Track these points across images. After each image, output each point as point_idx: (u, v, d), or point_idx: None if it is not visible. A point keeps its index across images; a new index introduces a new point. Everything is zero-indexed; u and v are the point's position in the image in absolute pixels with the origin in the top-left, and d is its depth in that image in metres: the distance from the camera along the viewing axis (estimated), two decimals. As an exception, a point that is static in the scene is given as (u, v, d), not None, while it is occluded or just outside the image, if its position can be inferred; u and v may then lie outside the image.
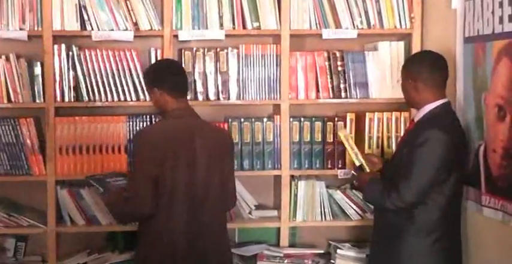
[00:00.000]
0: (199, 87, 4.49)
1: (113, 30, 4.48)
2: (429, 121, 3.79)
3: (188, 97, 4.12)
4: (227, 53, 4.57)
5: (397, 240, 3.81)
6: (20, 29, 4.42)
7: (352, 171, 4.51)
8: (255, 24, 4.53)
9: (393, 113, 4.54)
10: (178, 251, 3.85)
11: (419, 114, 3.88)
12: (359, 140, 4.59)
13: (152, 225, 3.88)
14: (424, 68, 3.86)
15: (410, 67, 3.93)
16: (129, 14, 4.47)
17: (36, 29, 4.43)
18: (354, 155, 4.26)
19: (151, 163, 3.78)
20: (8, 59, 4.43)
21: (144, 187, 3.78)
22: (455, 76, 4.05)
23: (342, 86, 4.60)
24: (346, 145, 4.28)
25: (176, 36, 4.51)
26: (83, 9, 4.44)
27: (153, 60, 4.52)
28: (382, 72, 4.45)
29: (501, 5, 3.50)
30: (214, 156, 3.95)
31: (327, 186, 4.68)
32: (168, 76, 3.98)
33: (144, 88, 4.44)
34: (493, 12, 3.58)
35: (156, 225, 3.86)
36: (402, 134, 4.36)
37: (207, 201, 3.92)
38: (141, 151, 3.89)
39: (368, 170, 4.14)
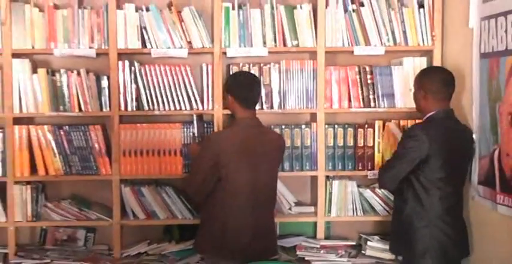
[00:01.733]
0: (247, 98, 4.76)
1: (169, 48, 4.63)
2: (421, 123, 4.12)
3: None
4: (269, 68, 4.69)
5: (402, 227, 4.02)
6: (90, 48, 4.60)
7: None
8: (294, 42, 4.66)
9: (416, 120, 4.57)
10: (243, 240, 4.06)
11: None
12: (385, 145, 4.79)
13: (216, 220, 4.12)
14: (436, 82, 4.05)
15: (424, 80, 4.11)
16: (184, 34, 4.62)
17: (103, 47, 4.62)
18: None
19: (214, 164, 4.01)
20: (79, 74, 4.61)
21: (202, 180, 4.07)
22: (471, 88, 4.14)
23: (371, 96, 4.72)
24: (396, 132, 4.54)
25: (225, 53, 4.63)
26: (143, 30, 4.62)
27: (204, 75, 4.68)
28: (406, 85, 4.54)
29: None
30: (272, 160, 4.22)
31: (358, 186, 4.80)
32: (242, 89, 4.17)
33: (197, 98, 4.66)
34: (506, 31, 3.66)
35: (218, 219, 4.09)
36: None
37: (267, 200, 4.20)
38: (206, 149, 4.11)
39: None
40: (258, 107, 4.45)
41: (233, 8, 4.65)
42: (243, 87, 4.19)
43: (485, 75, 3.99)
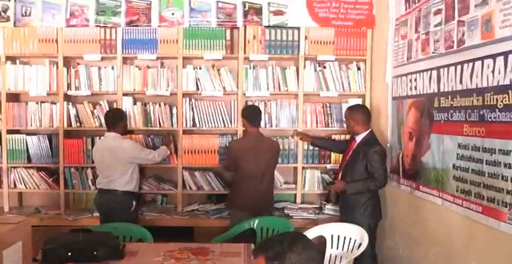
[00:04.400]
0: (257, 121, 4.70)
1: (212, 91, 4.97)
2: (369, 141, 4.23)
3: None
4: (270, 103, 5.03)
5: (352, 206, 4.25)
6: (166, 90, 4.98)
7: (329, 178, 4.96)
8: (285, 88, 5.01)
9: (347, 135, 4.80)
10: (249, 202, 4.43)
11: (358, 138, 4.30)
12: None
13: (237, 189, 4.53)
14: (362, 113, 4.32)
15: (354, 113, 4.31)
16: (221, 82, 4.99)
17: (174, 90, 4.99)
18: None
19: (235, 158, 4.46)
20: (160, 105, 5.01)
21: (229, 165, 4.58)
22: (387, 117, 4.43)
23: (329, 121, 5.06)
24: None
25: (244, 94, 4.99)
26: (197, 80, 4.99)
27: (232, 106, 5.00)
28: None
29: (410, 81, 3.93)
30: (269, 156, 4.54)
31: (321, 173, 5.12)
32: (250, 115, 4.55)
33: (227, 120, 5.02)
34: (406, 85, 4.02)
35: (238, 189, 4.52)
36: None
37: (264, 178, 4.50)
38: (228, 153, 4.58)
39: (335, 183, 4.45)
40: (262, 125, 4.80)
41: (250, 68, 4.99)
42: (250, 113, 4.56)
43: (395, 110, 4.29)
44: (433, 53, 3.57)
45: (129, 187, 4.47)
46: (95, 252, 3.10)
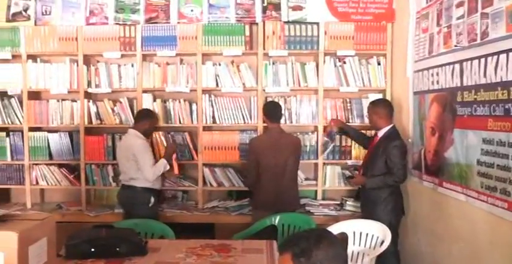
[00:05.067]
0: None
1: (232, 87, 4.99)
2: (390, 136, 4.19)
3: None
4: (290, 99, 5.03)
5: (373, 201, 4.23)
6: (186, 87, 5.01)
7: (349, 173, 4.88)
8: (305, 84, 5.00)
9: (373, 131, 4.75)
10: (271, 199, 4.39)
11: (380, 133, 4.29)
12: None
13: (259, 186, 4.46)
14: (385, 107, 4.31)
15: (376, 107, 4.31)
16: (240, 79, 5.00)
17: (193, 86, 5.01)
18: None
19: (256, 155, 4.40)
20: (179, 102, 5.03)
21: (251, 167, 4.45)
22: (408, 112, 4.41)
23: (349, 116, 5.03)
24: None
25: (264, 90, 4.99)
26: (217, 76, 5.00)
27: (252, 103, 5.01)
28: None
29: (432, 75, 3.90)
30: (290, 151, 4.47)
31: (341, 168, 5.06)
32: (269, 110, 4.53)
33: (247, 116, 5.02)
34: (428, 79, 3.99)
35: (260, 185, 4.45)
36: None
37: (285, 174, 4.44)
38: (249, 149, 4.53)
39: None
40: (282, 122, 4.72)
41: (269, 64, 4.98)
42: (270, 110, 4.54)
43: (416, 104, 4.26)
44: (455, 46, 3.52)
45: (147, 183, 4.50)
46: (117, 248, 3.13)
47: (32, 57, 5.15)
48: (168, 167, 4.60)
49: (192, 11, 4.98)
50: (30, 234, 2.43)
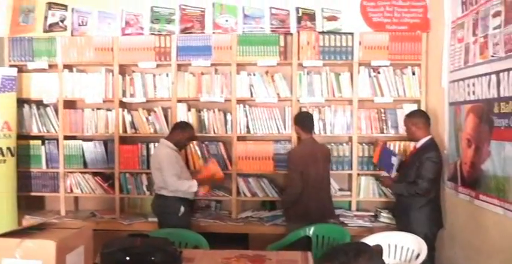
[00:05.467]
0: (311, 127, 4.71)
1: (266, 97, 5.03)
2: (427, 147, 4.17)
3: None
4: (325, 109, 5.03)
5: (406, 208, 4.19)
6: (220, 97, 5.06)
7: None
8: (339, 94, 5.01)
9: (405, 142, 4.93)
10: (311, 211, 4.40)
11: (418, 144, 4.27)
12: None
13: (299, 201, 4.40)
14: (420, 118, 4.29)
15: (413, 117, 4.30)
16: (275, 89, 5.03)
17: (228, 96, 5.06)
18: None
19: (298, 166, 4.38)
20: (214, 112, 5.08)
21: (297, 179, 4.37)
22: (444, 123, 4.39)
23: (384, 127, 5.03)
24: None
25: (298, 100, 5.00)
26: (251, 86, 5.05)
27: (286, 113, 5.03)
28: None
29: (468, 86, 3.88)
30: (325, 161, 4.56)
31: (376, 180, 5.03)
32: (303, 121, 4.55)
33: (281, 127, 5.04)
34: (463, 90, 3.97)
35: (301, 200, 4.39)
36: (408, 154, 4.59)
37: (323, 185, 4.52)
38: (292, 161, 4.46)
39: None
40: (316, 132, 4.91)
41: (304, 74, 5.00)
42: (305, 120, 4.57)
43: (452, 115, 4.24)
44: (492, 56, 3.49)
45: (177, 193, 4.51)
46: (152, 258, 3.09)
47: (68, 67, 5.26)
48: (194, 190, 4.56)
49: (227, 21, 5.02)
50: (68, 242, 2.46)
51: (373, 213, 5.09)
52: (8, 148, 4.97)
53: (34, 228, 2.73)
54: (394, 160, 4.46)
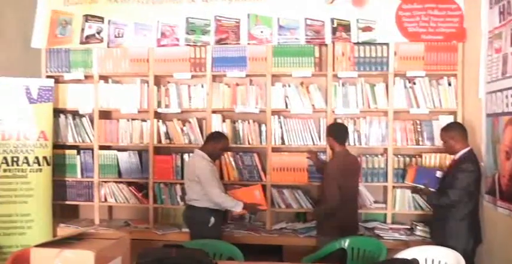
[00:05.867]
0: (345, 138, 4.70)
1: (301, 108, 5.05)
2: (465, 159, 4.16)
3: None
4: (360, 120, 5.04)
5: (443, 221, 4.17)
6: (255, 108, 5.10)
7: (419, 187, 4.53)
8: (374, 106, 5.02)
9: (443, 154, 4.86)
10: (346, 222, 4.41)
11: (456, 156, 4.26)
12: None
13: (334, 214, 4.37)
14: (457, 131, 4.30)
15: (450, 131, 4.30)
16: (310, 100, 5.06)
17: (263, 107, 5.10)
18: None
19: (336, 179, 4.34)
20: (248, 123, 5.14)
21: (335, 191, 4.33)
22: (481, 135, 4.36)
23: (419, 139, 5.00)
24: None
25: (333, 111, 5.02)
26: (286, 98, 5.08)
27: (321, 126, 5.05)
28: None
29: (506, 97, 3.85)
30: (358, 173, 4.67)
31: (411, 192, 4.92)
32: (336, 133, 4.55)
33: (316, 138, 5.07)
34: (502, 101, 3.94)
35: (336, 213, 4.36)
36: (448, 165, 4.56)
37: (355, 196, 4.57)
38: (330, 173, 4.43)
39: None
40: (352, 143, 4.95)
41: (339, 86, 5.03)
42: (339, 132, 4.58)
43: (490, 127, 4.20)
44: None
45: (208, 204, 4.54)
46: None
47: (104, 78, 5.37)
48: (238, 210, 4.60)
49: (262, 32, 5.07)
50: (106, 253, 2.55)
51: (408, 226, 5.04)
52: (44, 157, 5.10)
53: (73, 238, 2.82)
54: (439, 174, 4.45)
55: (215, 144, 4.67)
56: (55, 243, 2.73)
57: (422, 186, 4.45)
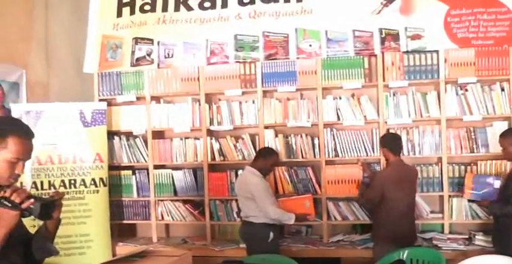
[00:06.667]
0: (399, 148, 4.77)
1: (353, 120, 5.11)
2: None
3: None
4: (412, 130, 5.06)
5: (507, 230, 4.13)
6: (307, 121, 5.17)
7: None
8: (426, 114, 5.05)
9: (499, 161, 4.91)
10: (400, 232, 4.48)
11: None
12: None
13: (386, 223, 4.57)
14: None
15: (508, 137, 4.26)
16: (361, 111, 5.13)
17: (315, 121, 5.18)
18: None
19: (382, 189, 4.50)
20: (301, 137, 5.19)
21: (374, 197, 4.57)
22: None
23: (474, 146, 5.01)
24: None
25: (386, 122, 5.06)
26: (338, 110, 5.15)
27: (374, 137, 5.10)
28: (495, 139, 4.52)
29: None
30: (413, 183, 4.72)
31: (468, 201, 4.91)
32: (390, 143, 4.67)
33: (369, 148, 5.14)
34: None
35: (391, 220, 4.52)
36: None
37: (410, 206, 4.62)
38: (376, 182, 4.60)
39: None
40: (405, 153, 4.94)
41: (390, 96, 5.07)
42: (392, 142, 4.68)
43: None
44: None
45: (264, 219, 4.63)
46: None
47: (156, 99, 5.52)
48: (291, 223, 4.72)
49: (310, 46, 5.17)
50: None
51: (467, 236, 5.04)
52: (101, 178, 5.31)
53: (136, 256, 2.93)
54: (497, 183, 4.44)
55: (265, 161, 4.77)
56: (119, 261, 2.87)
57: (480, 199, 4.52)
